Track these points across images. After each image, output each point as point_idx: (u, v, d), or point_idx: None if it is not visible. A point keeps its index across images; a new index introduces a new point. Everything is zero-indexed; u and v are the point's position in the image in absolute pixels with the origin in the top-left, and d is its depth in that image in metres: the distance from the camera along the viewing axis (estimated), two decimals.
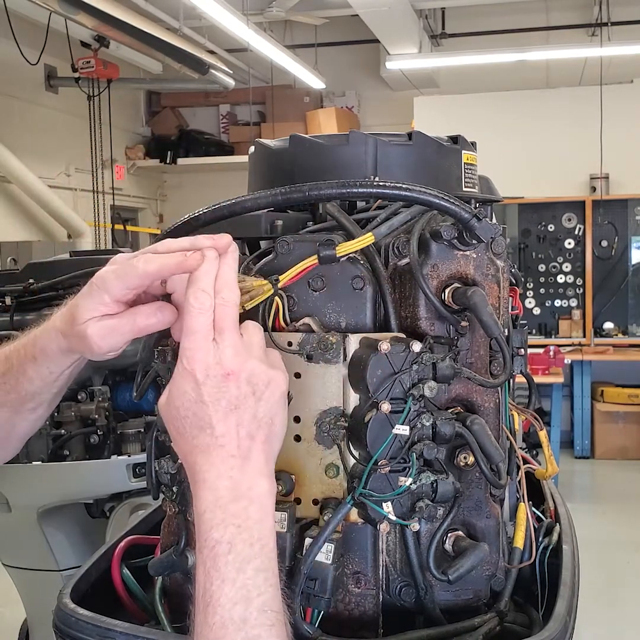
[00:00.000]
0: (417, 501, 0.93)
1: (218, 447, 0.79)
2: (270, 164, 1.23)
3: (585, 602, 1.17)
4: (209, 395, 0.79)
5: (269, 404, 0.81)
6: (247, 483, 0.78)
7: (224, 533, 0.76)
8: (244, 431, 0.79)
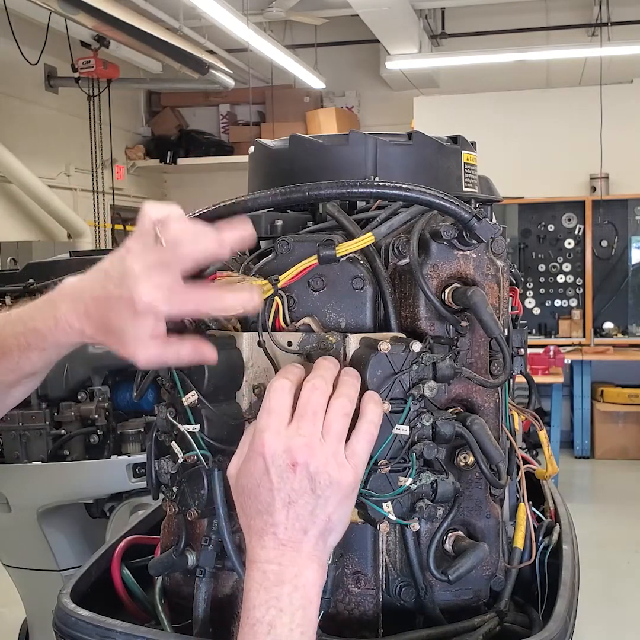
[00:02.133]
0: (417, 501, 0.93)
1: (271, 534, 0.81)
2: (270, 164, 1.23)
3: (585, 602, 1.17)
4: (273, 482, 0.81)
5: (328, 504, 0.81)
6: (294, 571, 0.80)
7: (265, 614, 0.78)
8: (298, 525, 0.81)
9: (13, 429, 2.47)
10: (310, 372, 0.86)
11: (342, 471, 0.82)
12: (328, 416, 0.83)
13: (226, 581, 1.02)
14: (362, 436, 0.85)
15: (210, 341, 0.98)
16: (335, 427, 0.83)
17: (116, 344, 0.87)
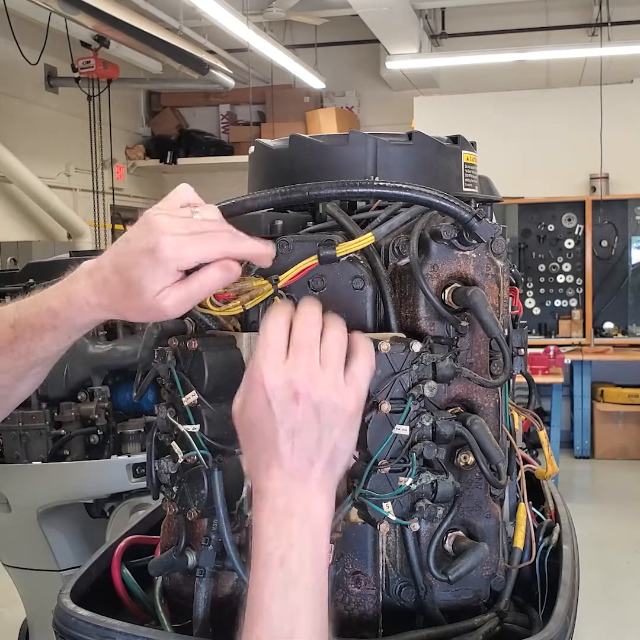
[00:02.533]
0: (417, 501, 0.93)
1: (278, 467, 0.80)
2: (270, 164, 1.23)
3: (585, 602, 1.17)
4: (275, 414, 0.80)
5: (333, 432, 0.81)
6: (303, 503, 0.80)
7: (277, 547, 0.78)
8: (304, 456, 0.80)
9: (13, 429, 2.47)
10: (298, 309, 0.86)
11: (345, 397, 0.82)
12: (323, 346, 0.83)
13: (226, 581, 1.02)
14: (359, 360, 0.85)
15: (210, 341, 0.98)
16: (332, 355, 0.83)
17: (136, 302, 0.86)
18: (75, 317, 0.93)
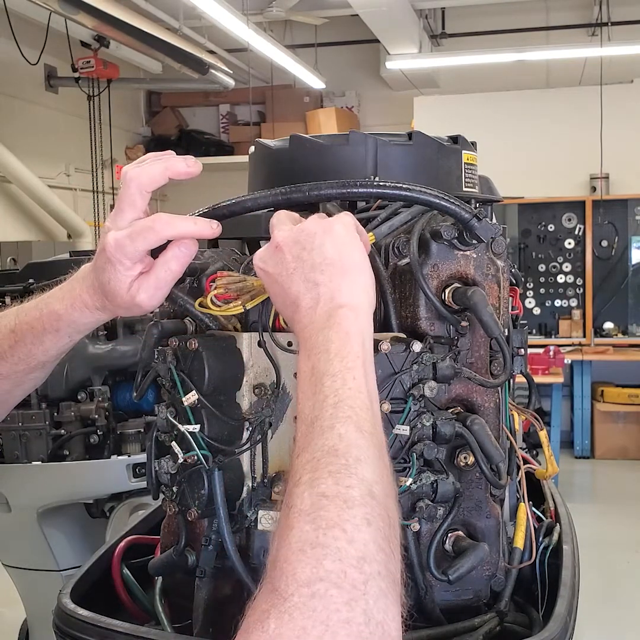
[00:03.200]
0: (417, 501, 0.93)
1: (297, 309, 0.84)
2: (270, 164, 1.23)
3: (585, 602, 1.17)
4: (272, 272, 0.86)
5: (323, 248, 0.84)
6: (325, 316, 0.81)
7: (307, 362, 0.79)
8: (310, 283, 0.83)
9: (13, 429, 2.47)
10: None
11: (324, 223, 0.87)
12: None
13: (226, 581, 1.02)
14: None
15: (210, 341, 0.98)
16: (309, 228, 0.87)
17: (117, 302, 0.92)
18: (78, 318, 0.96)
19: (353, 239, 0.86)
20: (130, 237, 0.88)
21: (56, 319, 0.97)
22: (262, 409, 0.99)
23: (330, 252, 0.84)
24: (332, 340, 0.78)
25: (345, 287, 0.83)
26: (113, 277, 0.90)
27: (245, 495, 1.00)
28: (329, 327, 0.80)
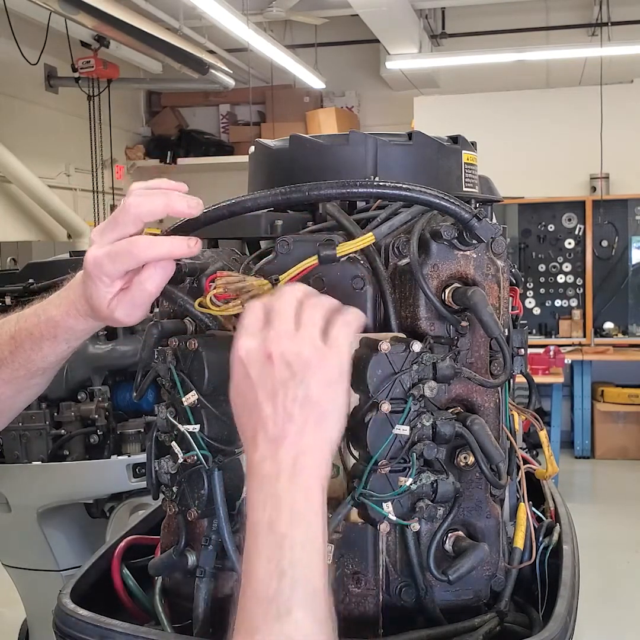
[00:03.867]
0: (417, 501, 0.93)
1: (262, 432, 0.79)
2: (270, 164, 1.23)
3: (585, 602, 1.17)
4: (254, 382, 0.80)
5: (311, 386, 0.79)
6: (289, 461, 0.77)
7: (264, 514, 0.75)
8: (285, 414, 0.78)
9: (13, 429, 2.47)
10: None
11: (320, 353, 0.80)
12: (300, 313, 0.82)
13: (226, 581, 1.02)
14: (340, 322, 0.83)
15: (210, 341, 0.98)
16: (306, 316, 0.82)
17: (100, 316, 0.94)
18: (74, 325, 0.98)
19: (342, 379, 0.81)
20: (109, 257, 0.89)
21: (53, 326, 0.98)
22: None
23: (315, 392, 0.79)
24: (295, 498, 0.75)
25: (317, 435, 0.79)
26: (94, 293, 0.92)
27: (245, 495, 1.00)
28: (291, 479, 0.76)
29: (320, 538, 0.75)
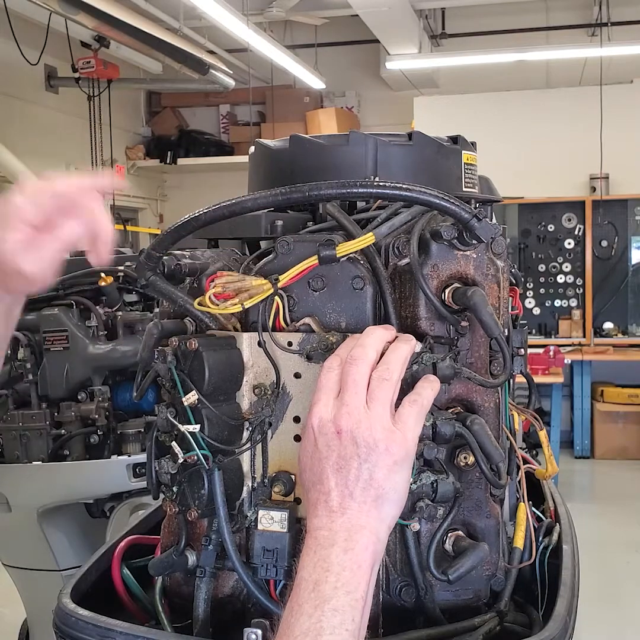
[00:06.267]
0: (417, 501, 0.93)
1: (323, 502, 0.82)
2: (271, 164, 1.23)
3: (585, 602, 1.17)
4: (322, 451, 0.82)
5: (376, 468, 0.81)
6: (344, 535, 0.80)
7: (312, 573, 0.78)
8: (347, 490, 0.81)
9: (13, 429, 2.47)
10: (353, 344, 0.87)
11: (388, 435, 0.82)
12: (371, 384, 0.84)
13: (226, 581, 1.02)
14: (408, 404, 0.85)
15: (210, 341, 0.98)
16: (378, 393, 0.83)
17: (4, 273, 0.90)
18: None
19: (406, 462, 0.84)
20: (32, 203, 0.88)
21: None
22: (262, 409, 0.99)
23: (378, 475, 0.81)
24: (344, 566, 0.78)
25: (374, 516, 0.81)
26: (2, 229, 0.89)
27: (245, 495, 1.00)
28: (345, 550, 0.79)
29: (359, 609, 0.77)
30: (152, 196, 10.22)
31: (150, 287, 1.00)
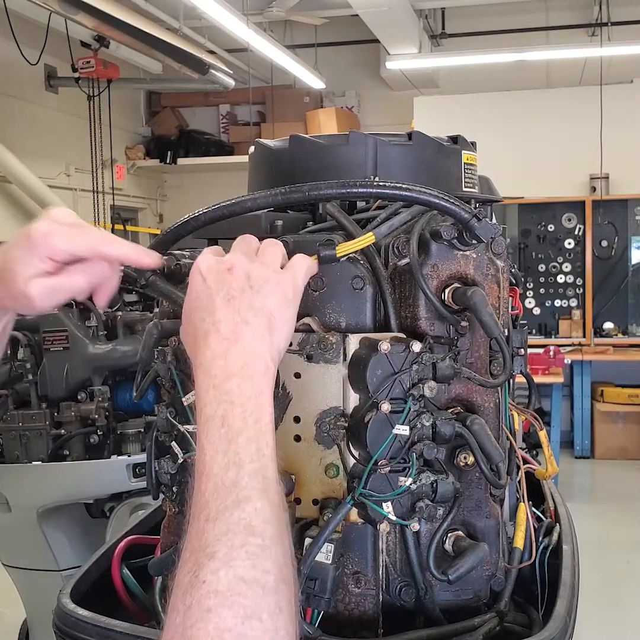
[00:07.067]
0: (417, 501, 0.93)
1: (214, 332, 0.81)
2: (270, 164, 1.23)
3: (585, 602, 1.17)
4: (211, 286, 0.83)
5: (268, 298, 0.83)
6: (241, 362, 0.79)
7: (217, 408, 0.77)
8: (239, 317, 0.81)
9: (13, 429, 2.47)
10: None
11: (279, 274, 0.85)
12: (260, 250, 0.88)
13: None
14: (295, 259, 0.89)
15: None
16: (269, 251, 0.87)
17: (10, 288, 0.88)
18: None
19: (295, 298, 0.86)
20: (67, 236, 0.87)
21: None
22: None
23: (271, 304, 0.83)
24: (247, 395, 0.77)
25: (268, 343, 0.82)
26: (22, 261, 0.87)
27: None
28: (244, 378, 0.78)
29: (270, 433, 0.77)
30: (152, 196, 10.22)
31: (150, 287, 1.00)
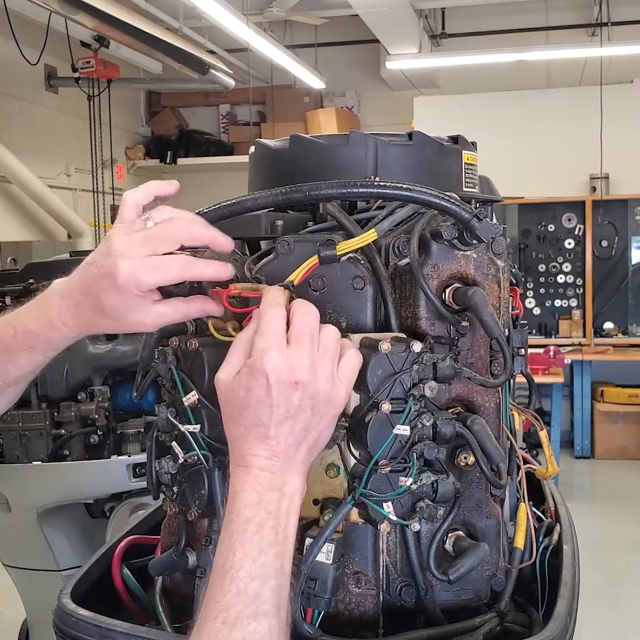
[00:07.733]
0: (417, 501, 0.93)
1: (266, 445, 0.84)
2: (271, 164, 1.23)
3: (585, 602, 1.17)
4: (274, 398, 0.83)
5: (322, 421, 0.85)
6: (284, 480, 0.84)
7: (257, 514, 0.81)
8: (292, 440, 0.84)
9: (13, 429, 2.47)
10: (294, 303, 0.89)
11: (337, 390, 0.86)
12: (322, 339, 0.86)
13: None
14: (348, 359, 0.88)
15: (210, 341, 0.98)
16: (331, 349, 0.86)
17: (114, 323, 0.92)
18: (55, 337, 0.97)
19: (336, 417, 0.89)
20: (146, 271, 0.88)
21: (32, 338, 0.97)
22: None
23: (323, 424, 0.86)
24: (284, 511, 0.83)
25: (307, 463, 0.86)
26: (121, 302, 0.89)
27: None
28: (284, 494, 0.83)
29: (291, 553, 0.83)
30: None
31: None
